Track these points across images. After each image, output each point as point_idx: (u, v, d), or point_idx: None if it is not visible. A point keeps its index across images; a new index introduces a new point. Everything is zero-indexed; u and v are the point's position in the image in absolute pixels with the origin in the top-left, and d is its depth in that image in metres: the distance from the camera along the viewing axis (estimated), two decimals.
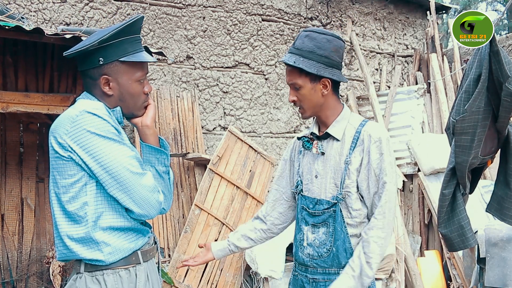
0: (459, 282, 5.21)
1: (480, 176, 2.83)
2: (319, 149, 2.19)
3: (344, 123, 2.16)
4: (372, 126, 2.13)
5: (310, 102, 2.13)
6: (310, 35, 2.10)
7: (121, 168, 1.76)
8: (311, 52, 2.07)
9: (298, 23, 6.51)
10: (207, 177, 5.06)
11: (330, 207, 2.14)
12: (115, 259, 1.81)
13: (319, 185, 2.20)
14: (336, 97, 2.19)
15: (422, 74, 7.00)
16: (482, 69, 2.44)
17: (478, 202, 5.28)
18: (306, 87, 2.10)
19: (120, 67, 1.86)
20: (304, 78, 2.09)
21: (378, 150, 2.06)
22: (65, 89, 4.48)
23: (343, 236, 2.12)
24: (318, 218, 2.19)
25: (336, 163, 2.14)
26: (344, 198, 2.11)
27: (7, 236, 4.83)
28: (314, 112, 2.18)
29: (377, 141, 2.07)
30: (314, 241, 2.21)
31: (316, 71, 2.05)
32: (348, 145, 2.12)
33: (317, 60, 2.07)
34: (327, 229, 2.16)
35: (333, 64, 2.09)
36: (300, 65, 2.06)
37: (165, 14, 5.60)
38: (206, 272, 4.90)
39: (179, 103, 5.50)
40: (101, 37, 1.80)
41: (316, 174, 2.21)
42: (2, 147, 4.86)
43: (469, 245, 2.75)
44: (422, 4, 7.59)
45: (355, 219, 2.12)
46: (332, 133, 2.16)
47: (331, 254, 2.14)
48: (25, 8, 4.92)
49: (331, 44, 2.09)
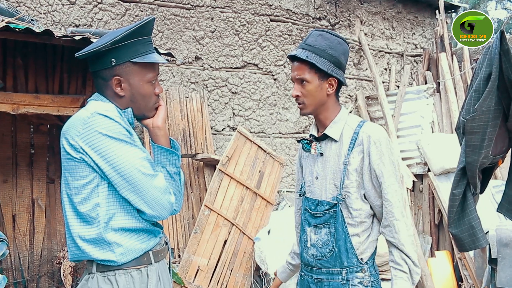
0: (471, 283, 5.18)
1: (490, 176, 2.81)
2: (318, 150, 2.23)
3: (342, 124, 2.19)
4: (370, 127, 2.15)
5: (314, 99, 2.17)
6: (324, 35, 2.16)
7: (132, 170, 1.76)
8: (323, 51, 2.12)
9: (306, 23, 6.50)
10: (216, 178, 5.06)
11: (330, 208, 2.17)
12: (127, 259, 1.82)
13: (319, 186, 2.24)
14: (336, 99, 2.24)
15: (432, 74, 6.96)
16: (492, 68, 2.42)
17: (489, 202, 5.24)
18: (313, 83, 2.14)
19: (132, 68, 1.87)
20: (314, 74, 2.13)
21: (379, 151, 2.08)
22: (74, 90, 4.51)
23: (344, 236, 2.15)
24: (319, 219, 2.23)
25: (335, 164, 2.18)
26: (344, 199, 2.14)
27: (19, 237, 4.87)
28: (315, 110, 2.21)
29: (376, 142, 2.08)
30: (317, 242, 2.25)
31: (326, 68, 2.10)
32: (347, 146, 2.15)
33: (328, 59, 2.12)
34: (329, 230, 2.19)
35: (340, 66, 2.16)
36: (312, 60, 2.10)
37: (173, 15, 5.61)
38: (216, 272, 4.91)
39: (188, 104, 5.51)
40: (113, 38, 1.81)
41: (317, 176, 2.26)
42: (13, 149, 4.89)
43: (480, 246, 2.73)
44: (431, 3, 7.55)
45: (356, 219, 2.15)
46: (330, 134, 2.19)
47: (333, 254, 2.18)
48: (35, 10, 4.95)
49: (342, 47, 2.16)
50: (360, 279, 2.14)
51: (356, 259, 2.14)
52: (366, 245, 2.17)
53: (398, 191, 2.10)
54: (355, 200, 2.14)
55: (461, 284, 5.33)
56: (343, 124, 2.19)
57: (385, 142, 2.09)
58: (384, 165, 2.07)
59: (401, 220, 2.09)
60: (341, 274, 2.15)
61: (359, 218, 2.15)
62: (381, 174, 2.08)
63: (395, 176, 2.10)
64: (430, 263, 5.50)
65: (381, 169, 2.08)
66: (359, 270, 2.14)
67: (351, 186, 2.13)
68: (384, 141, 2.09)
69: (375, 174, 2.09)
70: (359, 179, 2.13)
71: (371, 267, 2.18)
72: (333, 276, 2.17)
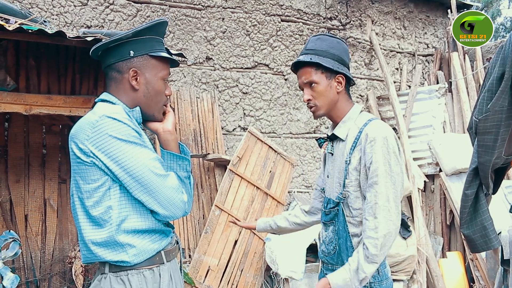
0: (482, 284, 5.14)
1: (503, 176, 2.79)
2: (327, 149, 2.29)
3: (350, 123, 2.21)
4: (372, 126, 2.13)
5: (325, 99, 2.20)
6: (322, 38, 2.24)
7: (144, 171, 1.77)
8: (325, 51, 2.18)
9: (317, 23, 6.48)
10: (227, 178, 5.07)
11: (335, 206, 2.22)
12: (140, 260, 1.82)
13: (330, 184, 2.30)
14: (347, 97, 2.26)
15: (443, 73, 6.92)
16: (505, 68, 2.39)
17: (501, 203, 5.20)
18: (322, 83, 2.18)
19: (149, 62, 1.91)
20: (320, 74, 2.17)
21: (371, 149, 2.06)
22: (86, 91, 4.53)
23: (345, 235, 2.18)
24: (327, 217, 2.30)
25: (340, 163, 2.22)
26: (345, 198, 2.17)
27: (31, 237, 4.90)
28: (328, 110, 2.24)
29: (372, 140, 2.07)
30: (325, 239, 2.33)
31: (332, 66, 2.15)
32: (350, 145, 2.17)
33: (331, 58, 2.17)
34: (334, 228, 2.25)
35: (344, 63, 2.21)
36: (317, 60, 2.15)
37: (184, 16, 5.63)
38: (227, 272, 4.91)
39: (199, 104, 5.52)
40: (134, 30, 1.86)
41: (328, 174, 2.32)
42: (25, 149, 4.93)
43: (492, 247, 2.71)
44: (442, 2, 7.51)
45: (356, 218, 2.16)
46: (337, 134, 2.23)
47: (336, 251, 2.23)
48: (47, 12, 4.99)
49: (342, 46, 2.23)
50: None
51: None
52: None
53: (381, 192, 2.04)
54: (355, 200, 2.15)
55: (473, 285, 5.29)
56: (351, 123, 2.22)
57: (381, 140, 2.06)
58: (374, 164, 2.05)
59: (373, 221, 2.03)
60: None
61: (359, 218, 2.15)
62: (370, 172, 2.06)
63: (389, 177, 2.05)
64: (442, 264, 5.46)
65: (371, 168, 2.06)
66: None
67: (350, 185, 2.15)
68: (380, 140, 2.06)
69: (368, 172, 2.08)
70: (359, 178, 2.13)
71: None
72: None
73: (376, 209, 2.03)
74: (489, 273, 4.64)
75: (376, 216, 2.03)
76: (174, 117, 2.03)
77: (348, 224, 2.17)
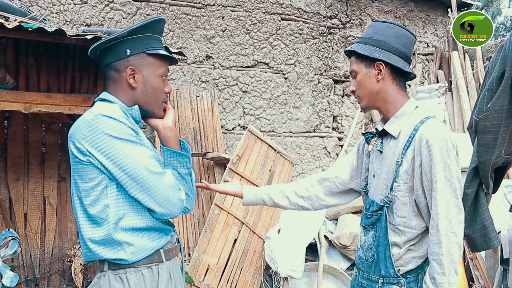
0: (482, 283, 5.14)
1: (503, 176, 2.78)
2: (376, 146, 2.08)
3: (404, 120, 2.01)
4: (428, 125, 1.92)
5: (365, 89, 2.04)
6: (372, 24, 2.08)
7: (140, 169, 1.76)
8: (368, 38, 2.04)
9: (317, 21, 6.48)
10: (227, 177, 5.06)
11: (378, 210, 2.04)
12: (138, 258, 1.82)
13: (375, 185, 2.11)
14: (397, 88, 2.04)
15: (443, 73, 6.92)
16: (506, 67, 2.39)
17: (501, 202, 5.20)
18: (361, 72, 2.03)
19: (146, 59, 1.91)
20: (360, 63, 2.04)
21: (429, 152, 1.87)
22: (86, 89, 4.53)
23: (385, 243, 2.00)
24: (368, 220, 2.11)
25: (390, 163, 2.01)
26: (390, 202, 1.99)
27: (30, 235, 4.90)
28: (370, 101, 2.06)
29: (428, 141, 1.87)
30: (364, 244, 2.15)
31: (368, 53, 1.99)
32: (402, 144, 1.96)
33: (372, 44, 2.01)
34: (374, 233, 2.07)
35: (390, 49, 2.00)
36: (353, 48, 2.03)
37: (184, 14, 5.62)
38: (226, 271, 4.91)
39: (199, 103, 5.51)
40: (129, 28, 1.86)
41: (374, 174, 2.13)
42: (24, 147, 4.92)
43: (492, 246, 2.71)
44: (443, 1, 7.51)
45: (398, 227, 1.98)
46: (389, 130, 2.03)
47: (374, 260, 2.05)
48: (47, 10, 4.98)
49: (391, 30, 2.02)
50: None
51: (393, 270, 1.98)
52: (408, 258, 1.99)
53: (448, 200, 1.85)
54: (402, 206, 1.96)
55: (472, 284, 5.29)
56: (405, 119, 2.01)
57: (440, 143, 1.86)
58: (433, 168, 1.86)
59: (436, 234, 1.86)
60: (378, 283, 2.03)
61: (402, 227, 1.97)
62: (430, 177, 1.87)
63: (448, 183, 1.86)
64: None
65: (432, 174, 1.87)
66: (395, 283, 1.99)
67: (398, 189, 1.96)
68: (439, 142, 1.86)
69: (426, 177, 1.89)
70: (409, 183, 1.95)
71: (411, 282, 1.99)
72: (371, 284, 2.07)
73: (438, 220, 1.85)
74: (489, 272, 4.64)
75: (438, 229, 1.85)
76: (174, 114, 2.02)
77: (390, 231, 1.99)
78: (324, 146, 6.47)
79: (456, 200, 1.87)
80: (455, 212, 1.86)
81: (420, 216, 1.97)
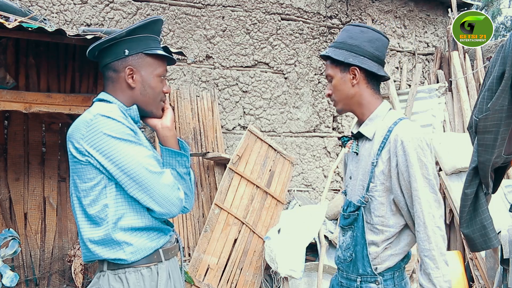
0: (482, 283, 5.14)
1: (503, 176, 2.78)
2: (352, 148, 2.14)
3: (378, 122, 2.06)
4: (402, 126, 1.98)
5: (340, 93, 2.09)
6: (346, 28, 2.12)
7: (139, 169, 1.77)
8: (342, 43, 2.08)
9: (317, 21, 6.48)
10: (227, 177, 5.06)
11: (355, 210, 2.08)
12: (137, 258, 1.83)
13: (352, 186, 2.16)
14: (372, 92, 2.10)
15: (443, 72, 6.91)
16: (506, 67, 2.39)
17: (501, 202, 5.20)
18: (336, 77, 2.08)
19: (145, 59, 1.92)
20: (335, 68, 2.08)
21: (404, 152, 1.93)
22: (86, 89, 4.54)
23: (363, 242, 2.05)
24: (346, 221, 2.16)
25: (366, 164, 2.06)
26: (367, 202, 2.03)
27: (30, 235, 4.90)
28: (346, 105, 2.12)
29: (403, 142, 1.93)
30: (342, 244, 2.19)
31: (343, 58, 2.03)
32: (377, 146, 2.02)
33: (346, 49, 2.06)
34: (352, 233, 2.11)
35: (364, 53, 2.05)
36: (328, 53, 2.06)
37: (184, 14, 5.62)
38: (226, 271, 4.91)
39: (199, 103, 5.51)
40: (127, 28, 1.87)
41: (351, 175, 2.18)
42: (24, 147, 4.93)
43: (492, 246, 2.71)
44: (443, 1, 7.50)
45: (376, 226, 2.03)
46: (364, 132, 2.09)
47: (352, 259, 2.10)
48: (47, 10, 4.98)
49: (365, 35, 2.06)
50: None
51: (371, 268, 2.03)
52: (385, 256, 2.04)
53: (424, 198, 1.92)
54: (379, 206, 2.01)
55: (472, 284, 5.29)
56: (379, 121, 2.06)
57: (414, 142, 1.92)
58: (410, 168, 1.92)
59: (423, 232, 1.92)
60: (356, 282, 2.08)
61: (381, 226, 2.02)
62: (408, 177, 1.93)
63: (426, 180, 1.92)
64: None
65: (409, 173, 1.93)
66: (372, 281, 2.03)
67: (375, 190, 2.01)
68: (414, 142, 1.92)
69: (402, 177, 1.95)
70: (386, 183, 2.00)
71: (388, 280, 2.03)
72: (350, 283, 2.11)
73: (424, 218, 1.91)
74: (489, 272, 4.64)
75: (426, 226, 1.91)
76: (172, 113, 2.03)
77: (367, 230, 2.03)
78: (324, 146, 6.47)
79: (435, 196, 1.94)
80: (436, 207, 1.94)
81: (398, 214, 2.03)
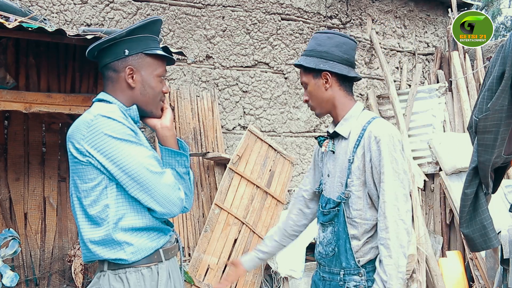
0: (482, 283, 5.14)
1: (503, 176, 2.79)
2: (328, 147, 2.24)
3: (352, 121, 2.18)
4: (376, 124, 2.11)
5: (316, 98, 2.21)
6: (315, 36, 2.23)
7: (140, 169, 1.77)
8: (311, 50, 2.19)
9: (317, 21, 6.48)
10: (227, 177, 5.07)
11: (335, 206, 2.17)
12: (137, 258, 1.83)
13: (330, 184, 2.25)
14: (345, 93, 2.22)
15: (443, 72, 6.92)
16: (506, 67, 2.39)
17: (501, 202, 5.20)
18: (310, 83, 2.19)
19: (144, 60, 1.92)
20: (308, 75, 2.19)
21: (377, 147, 2.04)
22: (86, 89, 4.53)
23: (345, 237, 2.14)
24: (326, 217, 2.24)
25: (342, 162, 2.17)
26: (347, 198, 2.12)
27: (30, 235, 4.90)
28: (323, 109, 2.24)
29: (377, 138, 2.04)
30: (323, 240, 2.27)
31: (314, 65, 2.14)
32: (353, 143, 2.13)
33: (316, 56, 2.16)
34: (333, 228, 2.20)
35: (333, 58, 2.15)
36: (300, 62, 2.17)
37: (184, 14, 5.62)
38: (226, 271, 4.91)
39: (199, 103, 5.51)
40: (127, 29, 1.88)
41: (328, 173, 2.27)
42: (25, 147, 4.93)
43: (492, 246, 2.71)
44: (443, 1, 7.51)
45: (355, 219, 2.12)
46: (339, 132, 2.20)
47: (334, 254, 2.18)
48: (47, 10, 4.98)
49: (332, 40, 2.16)
50: (356, 282, 2.12)
51: (354, 261, 2.12)
52: (366, 250, 2.13)
53: (396, 190, 2.02)
54: (357, 200, 2.12)
55: (472, 284, 5.30)
56: (353, 121, 2.18)
57: (386, 138, 2.04)
58: (381, 161, 2.03)
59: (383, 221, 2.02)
60: (339, 275, 2.16)
61: (359, 219, 2.12)
62: (379, 170, 2.04)
63: (396, 174, 2.02)
64: (441, 263, 5.46)
65: (381, 167, 2.03)
66: (356, 273, 2.12)
67: (352, 185, 2.11)
68: (386, 137, 2.04)
69: (376, 171, 2.05)
70: (362, 177, 2.10)
71: (370, 272, 2.12)
72: (333, 276, 2.19)
73: (385, 208, 2.01)
74: (489, 272, 4.64)
75: (386, 216, 2.01)
76: (172, 113, 2.03)
77: (348, 225, 2.13)
78: None
79: (403, 190, 2.04)
80: (403, 201, 2.03)
81: (374, 208, 2.12)
